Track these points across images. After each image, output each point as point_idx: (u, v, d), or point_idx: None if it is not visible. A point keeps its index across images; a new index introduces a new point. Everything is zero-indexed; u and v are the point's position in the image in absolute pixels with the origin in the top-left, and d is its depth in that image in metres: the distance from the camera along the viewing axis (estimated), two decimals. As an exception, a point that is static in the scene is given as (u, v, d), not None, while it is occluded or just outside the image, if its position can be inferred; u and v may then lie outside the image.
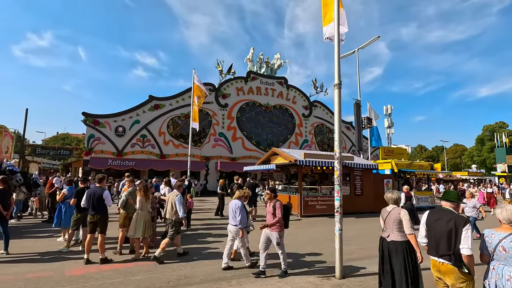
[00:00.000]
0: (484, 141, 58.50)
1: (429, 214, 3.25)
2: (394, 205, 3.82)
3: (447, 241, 2.92)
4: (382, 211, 3.93)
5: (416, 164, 16.59)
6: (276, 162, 13.54)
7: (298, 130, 30.95)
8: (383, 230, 3.86)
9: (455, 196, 3.18)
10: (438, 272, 3.06)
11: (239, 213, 5.27)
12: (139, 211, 5.95)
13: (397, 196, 3.88)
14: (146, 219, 5.88)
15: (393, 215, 3.69)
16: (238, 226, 5.25)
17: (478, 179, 41.32)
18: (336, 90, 5.51)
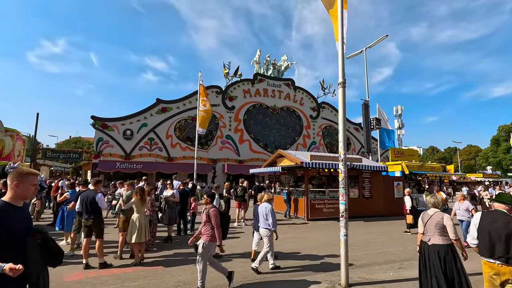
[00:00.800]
0: (499, 141, 56.66)
1: (483, 216, 3.27)
2: (435, 208, 3.81)
3: (505, 243, 2.95)
4: (423, 214, 3.90)
5: (427, 165, 16.07)
6: (282, 164, 13.33)
7: (306, 132, 30.63)
8: (424, 233, 3.83)
9: (510, 199, 3.17)
10: (495, 272, 3.07)
11: (271, 216, 5.43)
12: (135, 215, 5.82)
13: (437, 200, 3.85)
14: (142, 223, 5.73)
15: (435, 219, 3.68)
16: (272, 228, 5.41)
17: (493, 181, 39.98)
18: (340, 89, 5.30)
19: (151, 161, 23.54)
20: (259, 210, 5.66)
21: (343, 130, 5.21)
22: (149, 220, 7.10)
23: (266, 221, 5.44)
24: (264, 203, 5.62)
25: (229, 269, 4.76)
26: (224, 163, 25.77)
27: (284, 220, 11.88)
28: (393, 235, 9.41)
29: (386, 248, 7.55)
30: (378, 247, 7.71)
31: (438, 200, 3.85)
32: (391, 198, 13.68)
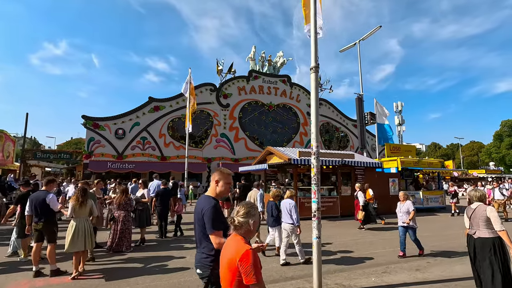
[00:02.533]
0: (502, 137, 55.73)
1: None
2: (479, 202, 3.83)
3: None
4: (467, 209, 3.95)
5: (425, 161, 15.46)
6: (271, 161, 12.81)
7: (303, 129, 30.07)
8: (470, 227, 3.86)
9: None
10: None
11: (294, 212, 5.65)
12: (72, 221, 5.01)
13: (481, 193, 3.88)
14: (82, 229, 4.94)
15: (478, 212, 3.71)
16: (296, 224, 5.62)
17: (496, 177, 39.19)
18: (312, 74, 4.77)
19: (144, 161, 23.11)
20: (282, 206, 5.89)
21: (316, 119, 4.68)
22: (123, 221, 6.64)
23: (290, 217, 5.67)
24: (288, 199, 5.86)
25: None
26: (219, 162, 25.27)
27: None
28: (384, 235, 8.87)
29: (373, 249, 7.02)
30: (365, 247, 7.19)
31: (482, 194, 3.86)
32: (386, 195, 13.11)
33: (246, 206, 1.98)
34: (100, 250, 6.59)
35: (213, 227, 2.22)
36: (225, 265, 1.83)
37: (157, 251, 6.63)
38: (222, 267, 1.88)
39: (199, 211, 2.37)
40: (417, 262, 5.88)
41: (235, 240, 1.88)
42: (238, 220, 1.92)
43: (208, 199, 2.40)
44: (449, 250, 6.90)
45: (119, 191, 7.08)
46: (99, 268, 5.39)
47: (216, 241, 2.20)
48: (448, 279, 4.87)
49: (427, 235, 8.58)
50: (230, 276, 1.78)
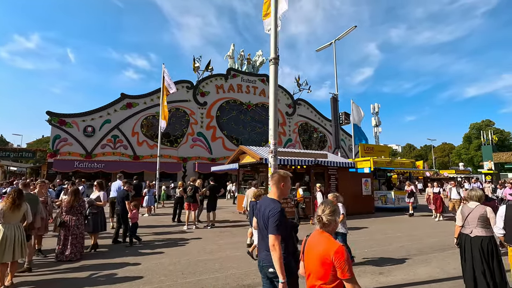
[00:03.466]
0: (471, 139, 58.67)
1: (507, 208, 3.69)
2: (477, 202, 3.93)
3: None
4: (464, 207, 4.04)
5: (397, 161, 15.72)
6: (245, 161, 12.47)
7: (281, 129, 29.98)
8: (464, 226, 3.95)
9: None
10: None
11: None
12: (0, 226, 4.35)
13: (481, 194, 4.02)
14: (11, 237, 4.32)
15: (478, 212, 3.81)
16: None
17: (465, 177, 41.10)
18: (272, 66, 4.48)
19: (115, 160, 22.04)
20: None
21: (274, 114, 4.38)
22: (74, 226, 6.03)
23: None
24: None
25: None
26: (195, 162, 24.63)
27: (245, 221, 11.01)
28: (353, 236, 8.74)
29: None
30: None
31: (480, 194, 4.00)
32: (359, 195, 13.14)
33: (331, 205, 2.10)
34: (46, 259, 5.96)
35: (277, 230, 2.33)
36: (316, 261, 1.94)
37: (110, 258, 6.08)
38: (311, 262, 1.99)
39: (264, 212, 2.48)
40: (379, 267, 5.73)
41: (325, 237, 1.99)
42: (326, 218, 2.04)
43: (274, 202, 2.50)
44: (416, 252, 6.85)
45: (69, 192, 6.44)
46: (36, 280, 4.80)
47: (272, 243, 2.31)
48: (412, 282, 4.72)
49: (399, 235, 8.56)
50: (323, 271, 1.88)
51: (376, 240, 8.12)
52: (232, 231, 9.23)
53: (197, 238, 8.00)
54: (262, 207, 2.56)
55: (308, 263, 2.05)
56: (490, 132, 46.84)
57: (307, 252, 2.08)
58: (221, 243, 7.44)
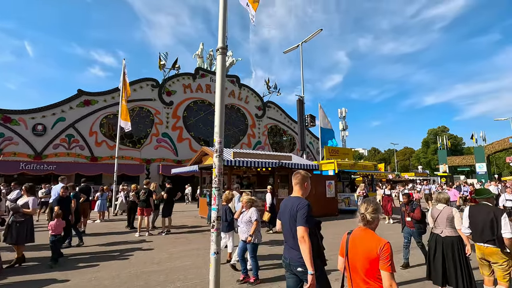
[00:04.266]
0: (429, 144, 62.76)
1: (471, 208, 3.89)
2: (444, 204, 4.20)
3: (490, 228, 3.52)
4: (433, 210, 4.26)
5: (360, 164, 16.07)
6: (208, 162, 11.92)
7: (251, 131, 29.71)
8: (434, 227, 4.19)
9: (488, 192, 3.86)
10: (482, 254, 3.65)
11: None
12: None
13: (448, 196, 4.37)
14: None
15: (446, 213, 4.07)
16: None
17: (423, 179, 43.72)
18: (219, 56, 4.08)
19: (69, 162, 20.31)
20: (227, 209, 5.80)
21: (221, 109, 3.98)
22: None
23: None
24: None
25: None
26: (159, 164, 23.49)
27: (204, 226, 10.45)
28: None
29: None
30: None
31: (447, 196, 4.32)
32: (323, 197, 13.14)
33: (373, 204, 2.22)
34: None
35: (306, 223, 2.45)
36: (362, 256, 2.07)
37: (35, 273, 5.25)
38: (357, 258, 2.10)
39: (292, 208, 2.58)
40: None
41: (370, 234, 2.14)
42: (370, 216, 2.16)
43: (300, 199, 2.65)
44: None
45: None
46: None
47: (302, 234, 2.42)
48: None
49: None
50: (368, 265, 2.02)
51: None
52: (188, 237, 8.65)
53: (148, 248, 7.32)
54: (287, 206, 2.69)
55: (353, 258, 2.16)
56: (445, 137, 50.38)
57: (351, 248, 2.19)
58: (173, 252, 6.85)
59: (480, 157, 41.58)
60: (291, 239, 2.59)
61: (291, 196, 2.80)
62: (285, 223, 2.70)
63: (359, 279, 2.09)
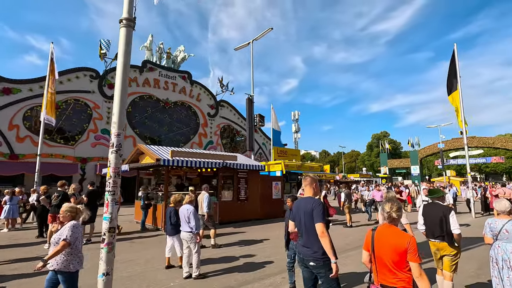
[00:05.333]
0: (372, 147, 67.81)
1: (424, 207, 4.24)
2: None
3: (439, 226, 3.93)
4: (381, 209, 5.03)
5: (306, 165, 16.29)
6: (144, 161, 10.83)
7: (202, 130, 28.65)
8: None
9: (439, 192, 4.28)
10: (436, 248, 4.06)
11: (193, 218, 5.19)
12: None
13: (393, 195, 4.75)
14: None
15: None
16: (194, 231, 5.17)
17: (367, 180, 46.93)
18: (122, 28, 3.35)
19: (-19, 159, 17.22)
20: (180, 213, 5.40)
21: (121, 96, 3.27)
22: None
23: (188, 224, 5.19)
24: (186, 205, 5.44)
25: None
26: (97, 163, 21.23)
27: (135, 233, 9.39)
28: (252, 246, 8.15)
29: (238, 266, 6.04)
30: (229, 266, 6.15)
31: (393, 195, 4.63)
32: (269, 199, 12.90)
33: (397, 203, 2.55)
34: None
35: (323, 218, 2.78)
36: (390, 249, 2.32)
37: None
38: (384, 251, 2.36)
39: (307, 207, 2.87)
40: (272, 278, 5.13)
41: (396, 230, 2.44)
42: (396, 214, 2.47)
43: (313, 199, 2.97)
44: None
45: None
46: None
47: (321, 230, 2.72)
48: None
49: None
50: (398, 257, 2.28)
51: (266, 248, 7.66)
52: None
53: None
54: (301, 206, 2.93)
55: (379, 252, 2.38)
56: (386, 142, 54.81)
57: (377, 242, 2.41)
58: (85, 266, 5.81)
59: (414, 160, 45.95)
60: (305, 235, 2.85)
61: (302, 197, 3.10)
62: (299, 223, 2.96)
63: (386, 270, 2.32)
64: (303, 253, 2.88)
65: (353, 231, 10.25)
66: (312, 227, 2.76)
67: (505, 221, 3.55)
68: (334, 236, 9.10)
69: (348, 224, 10.88)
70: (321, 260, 2.72)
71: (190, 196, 5.64)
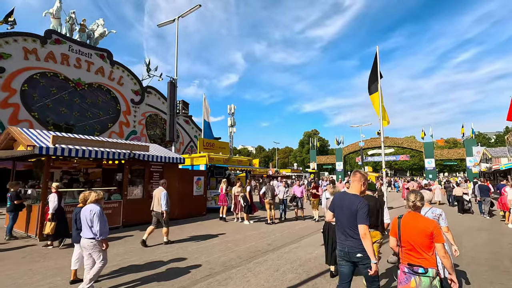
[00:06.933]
0: (304, 144, 71.52)
1: None
2: None
3: (375, 216, 4.23)
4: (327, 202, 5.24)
5: (235, 159, 15.36)
6: (21, 148, 8.29)
7: (124, 119, 25.35)
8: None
9: (374, 186, 4.60)
10: None
11: (97, 221, 4.16)
12: None
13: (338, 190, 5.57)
14: None
15: None
16: (98, 237, 4.14)
17: (297, 175, 49.02)
18: None
19: None
20: (81, 215, 4.30)
21: None
22: None
23: (90, 228, 4.18)
24: (90, 205, 4.30)
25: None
26: (-28, 152, 16.58)
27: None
28: (146, 255, 6.76)
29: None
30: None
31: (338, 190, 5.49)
32: (189, 195, 11.53)
33: (420, 194, 2.90)
34: None
35: (367, 221, 2.92)
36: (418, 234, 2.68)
37: None
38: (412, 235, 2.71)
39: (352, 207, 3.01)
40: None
41: (421, 216, 2.81)
42: (420, 203, 2.85)
43: (359, 198, 3.07)
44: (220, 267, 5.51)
45: None
46: None
47: (364, 232, 2.89)
48: None
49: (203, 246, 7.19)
50: (426, 240, 2.64)
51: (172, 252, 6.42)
52: None
53: None
54: (345, 201, 3.12)
55: (407, 235, 2.75)
56: (316, 139, 58.21)
57: (404, 228, 2.79)
58: None
59: (339, 157, 49.73)
60: (349, 230, 3.02)
61: (347, 192, 3.21)
62: (343, 217, 3.11)
63: (413, 252, 2.70)
64: (348, 246, 3.02)
65: (274, 229, 9.63)
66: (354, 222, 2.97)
67: (427, 209, 4.05)
68: (253, 236, 8.30)
69: (269, 221, 10.27)
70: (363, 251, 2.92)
71: (97, 194, 4.50)
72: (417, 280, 2.57)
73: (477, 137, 47.63)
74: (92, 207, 4.29)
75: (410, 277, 2.62)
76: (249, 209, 10.45)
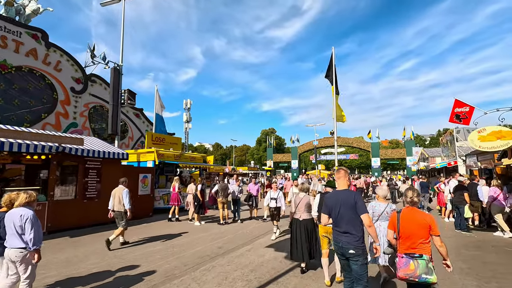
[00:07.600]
0: (261, 142, 72.05)
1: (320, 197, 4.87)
2: (305, 193, 5.18)
3: None
4: (296, 197, 5.17)
5: (187, 155, 14.44)
6: None
7: (62, 109, 22.48)
8: (295, 212, 5.10)
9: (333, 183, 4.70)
10: (326, 232, 4.57)
11: (30, 228, 3.45)
12: None
13: (307, 186, 5.46)
14: None
15: (305, 200, 5.07)
16: (31, 247, 3.45)
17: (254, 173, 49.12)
18: None
19: None
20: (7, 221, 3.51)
21: None
22: None
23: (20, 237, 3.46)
24: (19, 209, 3.54)
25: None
26: None
27: None
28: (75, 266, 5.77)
29: None
30: None
31: (306, 187, 5.38)
32: (134, 195, 10.38)
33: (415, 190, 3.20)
34: None
35: (366, 210, 3.19)
36: (416, 226, 3.03)
37: None
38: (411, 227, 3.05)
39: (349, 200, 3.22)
40: None
41: (418, 211, 3.15)
42: (417, 199, 3.17)
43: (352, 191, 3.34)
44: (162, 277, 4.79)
45: None
46: None
47: (368, 220, 3.17)
48: None
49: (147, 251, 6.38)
50: (424, 232, 3.00)
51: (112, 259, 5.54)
52: None
53: None
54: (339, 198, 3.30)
55: (406, 228, 3.07)
56: (273, 137, 59.00)
57: (403, 221, 3.11)
58: None
59: (294, 155, 50.98)
60: (344, 226, 3.21)
61: (338, 190, 3.43)
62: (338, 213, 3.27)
63: (410, 242, 3.04)
64: (342, 242, 3.23)
65: (226, 230, 9.09)
66: (353, 218, 3.18)
67: (385, 204, 4.43)
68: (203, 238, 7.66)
69: (222, 222, 9.70)
70: (360, 248, 3.15)
71: (28, 195, 3.70)
72: (415, 263, 2.93)
73: (415, 138, 52.59)
74: (23, 211, 3.57)
75: (409, 261, 2.97)
76: (200, 209, 9.75)
